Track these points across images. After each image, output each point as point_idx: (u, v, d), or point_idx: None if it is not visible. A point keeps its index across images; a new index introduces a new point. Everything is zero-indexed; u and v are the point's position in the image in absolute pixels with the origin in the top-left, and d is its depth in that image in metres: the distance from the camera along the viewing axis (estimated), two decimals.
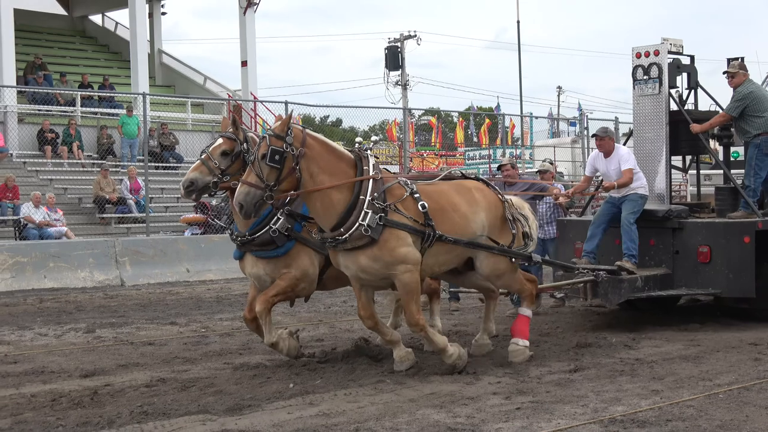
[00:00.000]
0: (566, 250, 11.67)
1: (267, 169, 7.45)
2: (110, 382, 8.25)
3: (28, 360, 9.59)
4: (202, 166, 8.42)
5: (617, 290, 10.25)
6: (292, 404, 7.16)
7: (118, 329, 11.70)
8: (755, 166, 10.98)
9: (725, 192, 11.51)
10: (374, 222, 7.67)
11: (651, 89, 11.58)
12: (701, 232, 10.68)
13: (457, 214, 8.36)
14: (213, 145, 8.55)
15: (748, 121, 11.00)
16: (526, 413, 6.77)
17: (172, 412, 6.95)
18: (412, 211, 7.98)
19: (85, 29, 33.67)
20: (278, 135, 7.54)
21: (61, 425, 6.67)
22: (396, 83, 41.27)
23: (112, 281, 16.87)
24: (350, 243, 7.72)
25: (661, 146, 11.43)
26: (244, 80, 30.11)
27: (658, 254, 10.96)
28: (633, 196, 10.67)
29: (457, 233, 8.25)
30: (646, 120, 11.66)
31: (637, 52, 11.71)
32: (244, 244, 8.55)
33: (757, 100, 10.97)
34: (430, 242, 8.02)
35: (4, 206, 19.46)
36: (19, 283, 16.13)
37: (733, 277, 10.35)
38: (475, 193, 8.72)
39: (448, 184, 8.71)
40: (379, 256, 7.75)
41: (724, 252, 10.41)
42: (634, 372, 8.26)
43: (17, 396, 7.75)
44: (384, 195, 7.86)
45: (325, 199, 7.75)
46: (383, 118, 44.98)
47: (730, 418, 6.59)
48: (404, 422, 6.54)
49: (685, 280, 10.71)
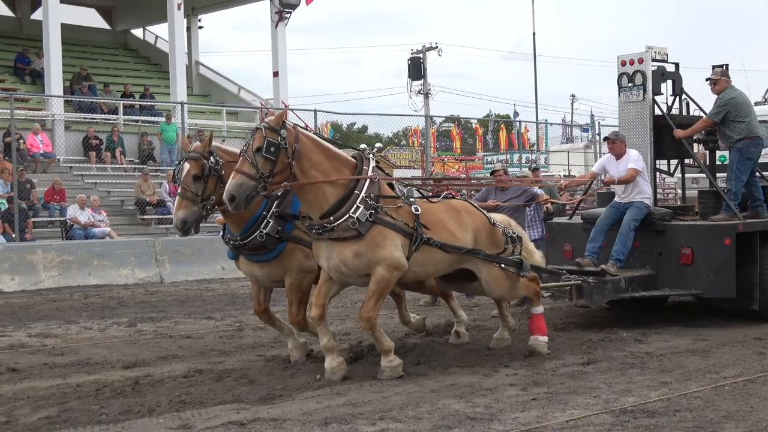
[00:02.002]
0: (554, 252, 11.44)
1: (262, 161, 7.10)
2: (150, 373, 8.29)
3: (74, 352, 9.65)
4: (183, 202, 7.81)
5: (601, 291, 10.02)
6: (321, 394, 7.16)
7: (157, 323, 11.75)
8: (736, 170, 10.75)
9: (708, 195, 11.29)
10: (364, 216, 7.35)
11: (635, 96, 11.38)
12: (684, 234, 10.48)
13: (445, 231, 8.01)
14: (183, 173, 7.86)
15: (730, 127, 10.78)
16: (542, 403, 6.75)
17: (208, 401, 6.97)
18: (404, 213, 7.67)
19: (127, 42, 33.86)
20: (273, 128, 7.22)
21: (105, 413, 6.70)
22: (418, 92, 41.14)
23: (152, 278, 16.95)
24: (336, 233, 7.36)
25: (646, 152, 11.17)
26: (276, 89, 30.14)
27: (642, 256, 10.73)
28: (639, 204, 10.47)
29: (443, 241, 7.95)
30: (631, 126, 11.42)
31: (622, 60, 11.51)
32: (236, 248, 8.20)
33: (739, 106, 10.76)
34: (417, 245, 7.69)
35: (51, 208, 19.57)
36: (65, 280, 16.25)
37: (715, 278, 10.14)
38: (464, 214, 8.40)
39: (438, 204, 8.33)
40: (363, 252, 7.40)
41: (705, 254, 10.21)
42: (644, 365, 8.21)
43: (64, 386, 7.79)
44: (378, 197, 7.57)
45: (318, 192, 7.42)
46: (406, 125, 44.87)
47: (736, 408, 6.55)
48: (426, 411, 6.54)
49: (669, 281, 10.49)
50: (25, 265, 16.08)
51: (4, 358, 9.29)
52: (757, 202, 11.03)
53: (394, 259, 7.51)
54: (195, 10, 32.19)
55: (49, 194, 19.68)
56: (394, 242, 7.53)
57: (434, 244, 7.81)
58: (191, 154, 7.91)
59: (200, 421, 6.38)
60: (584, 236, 10.86)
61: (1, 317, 12.53)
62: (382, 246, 7.45)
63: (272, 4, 29.83)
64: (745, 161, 10.76)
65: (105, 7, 33.49)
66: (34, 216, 19.05)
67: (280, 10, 29.71)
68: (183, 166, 7.92)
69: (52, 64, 24.25)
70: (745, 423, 6.16)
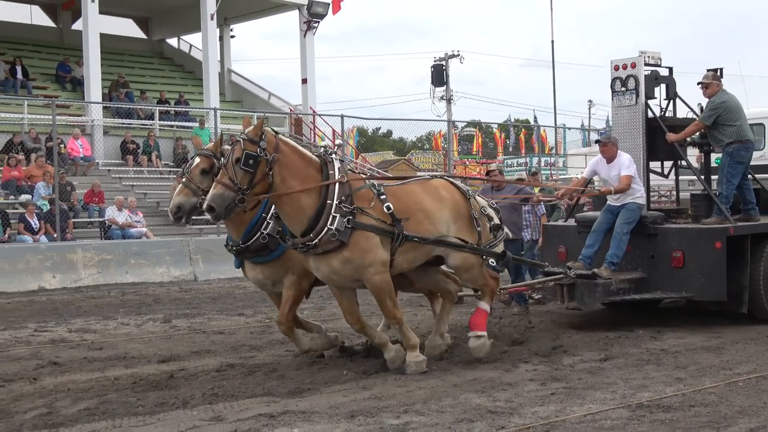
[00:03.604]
0: (550, 254, 11.22)
1: (241, 173, 6.94)
2: (184, 367, 8.33)
3: (112, 347, 9.71)
4: (184, 189, 7.84)
5: (592, 294, 9.84)
6: (347, 388, 7.16)
7: (191, 319, 11.80)
8: (727, 173, 10.47)
9: (700, 198, 11.02)
10: (342, 225, 7.13)
11: (628, 100, 11.10)
12: (675, 237, 10.21)
13: (422, 213, 7.79)
14: (191, 165, 7.96)
15: (721, 130, 10.51)
16: (560, 398, 6.72)
17: (239, 394, 6.99)
18: (379, 212, 7.45)
19: (163, 51, 34.02)
20: (252, 139, 7.03)
21: (141, 405, 6.74)
22: (441, 98, 41.00)
23: (186, 276, 17.04)
24: (320, 247, 7.19)
25: (639, 155, 10.89)
26: (305, 96, 30.16)
27: (634, 258, 10.46)
28: (631, 206, 10.19)
29: (422, 231, 7.72)
30: (624, 130, 11.14)
31: (615, 65, 11.25)
32: (240, 253, 8.06)
33: (730, 110, 10.49)
34: (400, 242, 7.51)
35: (91, 209, 19.70)
36: (104, 277, 16.38)
37: (706, 281, 9.86)
38: (441, 191, 8.18)
39: (415, 184, 8.18)
40: (350, 258, 7.23)
41: (696, 257, 9.94)
42: (660, 361, 8.15)
43: (102, 379, 7.85)
44: (351, 198, 7.33)
45: (294, 204, 7.22)
46: (429, 130, 44.86)
47: (749, 404, 6.49)
48: (448, 405, 6.52)
49: (660, 283, 10.22)
50: (66, 263, 16.24)
51: (46, 352, 9.38)
52: (749, 205, 10.76)
53: (380, 259, 7.39)
54: (227, 20, 32.28)
55: (88, 196, 19.83)
56: (375, 241, 7.36)
57: (414, 239, 7.62)
58: (204, 151, 8.00)
59: (232, 413, 6.40)
60: (578, 238, 10.64)
61: (43, 313, 12.64)
62: (367, 249, 7.29)
63: (301, 14, 29.89)
64: (736, 165, 10.48)
65: (142, 18, 33.68)
66: (75, 217, 19.19)
67: (308, 20, 29.76)
68: (194, 160, 8.00)
69: (91, 72, 24.43)
70: (758, 418, 6.10)
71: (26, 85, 25.74)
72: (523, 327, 10.24)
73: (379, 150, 58.50)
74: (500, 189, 11.67)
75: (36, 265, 15.96)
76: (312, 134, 28.56)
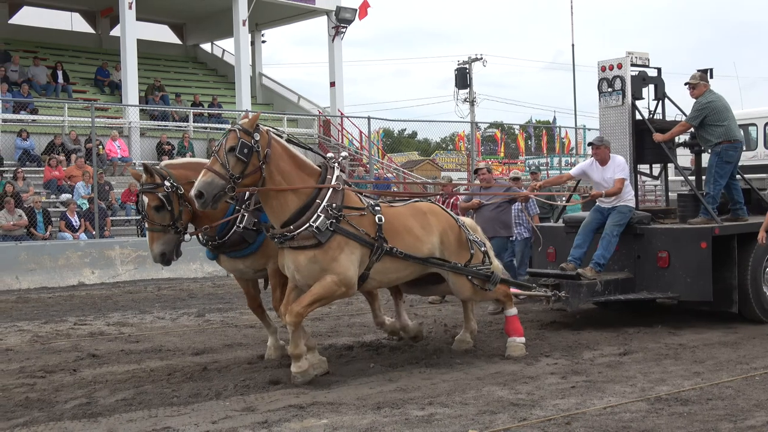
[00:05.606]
0: (540, 255, 11.01)
1: (234, 161, 6.61)
2: (217, 359, 8.36)
3: (148, 339, 9.76)
4: (154, 234, 7.32)
5: (577, 294, 9.52)
6: (374, 381, 7.16)
7: (224, 314, 11.83)
8: (715, 173, 10.17)
9: (687, 198, 10.71)
10: (324, 226, 6.83)
11: (615, 101, 10.87)
12: (660, 237, 9.85)
13: (410, 236, 7.47)
14: (145, 206, 7.31)
15: (709, 130, 10.23)
16: (581, 391, 6.67)
17: (270, 386, 7.00)
18: (366, 223, 7.15)
19: (197, 56, 34.20)
20: (247, 130, 6.73)
21: (176, 396, 6.77)
22: (464, 100, 40.92)
23: (219, 272, 17.05)
24: (297, 241, 6.86)
25: (626, 156, 10.61)
26: (333, 98, 30.24)
27: (621, 259, 10.11)
28: (622, 208, 9.90)
29: (406, 249, 7.38)
30: (611, 131, 10.87)
31: (602, 65, 11.03)
32: (216, 248, 7.72)
33: (717, 110, 10.19)
34: (378, 256, 7.18)
35: (128, 208, 19.84)
36: (140, 273, 16.48)
37: (691, 282, 9.53)
38: (430, 216, 7.80)
39: (404, 207, 7.79)
40: (319, 259, 6.86)
41: (681, 257, 9.62)
42: (678, 356, 8.08)
43: (139, 370, 7.89)
44: (341, 206, 7.03)
45: (280, 199, 6.90)
46: (453, 131, 44.80)
47: (766, 397, 6.41)
48: (472, 397, 6.50)
49: (646, 284, 9.87)
50: (104, 259, 16.36)
51: (85, 345, 9.44)
52: (737, 205, 10.46)
53: (346, 276, 6.98)
54: (259, 26, 32.40)
55: (125, 195, 19.95)
56: (350, 257, 7.01)
57: (398, 254, 7.32)
58: (145, 188, 7.31)
59: (263, 404, 6.41)
60: (567, 239, 10.42)
61: (83, 308, 12.73)
62: (337, 259, 6.92)
63: (329, 20, 29.98)
64: (724, 165, 10.19)
65: (177, 24, 33.89)
66: (113, 215, 19.35)
67: (336, 26, 29.84)
68: (142, 200, 7.37)
69: (128, 76, 24.65)
70: None
71: (67, 89, 26.01)
72: (546, 322, 10.17)
73: (404, 151, 58.49)
74: (487, 189, 11.51)
75: (76, 262, 16.10)
76: (340, 135, 28.62)
